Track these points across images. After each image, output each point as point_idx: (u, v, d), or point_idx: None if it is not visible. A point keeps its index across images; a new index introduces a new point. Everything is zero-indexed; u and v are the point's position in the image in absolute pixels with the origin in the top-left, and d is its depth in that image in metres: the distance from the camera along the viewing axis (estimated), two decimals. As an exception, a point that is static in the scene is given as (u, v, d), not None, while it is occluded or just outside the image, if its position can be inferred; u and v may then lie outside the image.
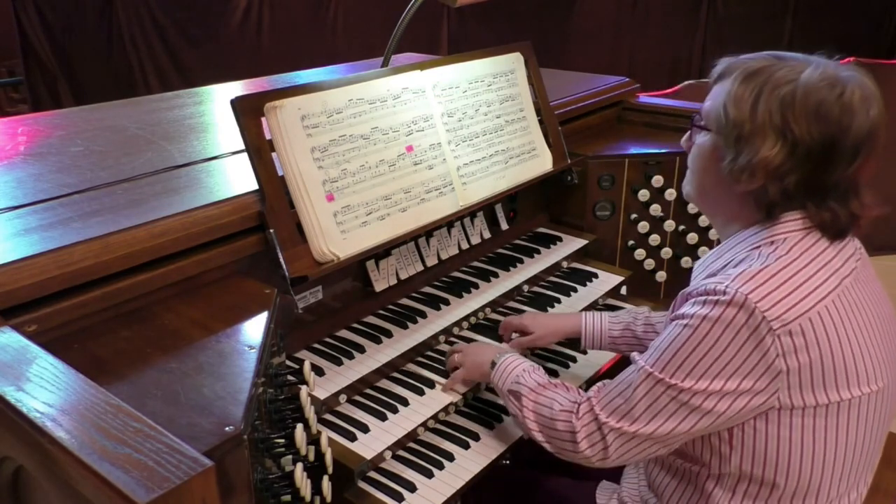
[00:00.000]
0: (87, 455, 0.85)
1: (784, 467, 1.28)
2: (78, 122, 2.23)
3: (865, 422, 1.29)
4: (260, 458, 1.19)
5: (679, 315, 1.28)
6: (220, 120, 2.28)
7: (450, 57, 2.06)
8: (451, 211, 1.92)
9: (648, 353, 1.32)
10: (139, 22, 6.09)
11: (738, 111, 1.28)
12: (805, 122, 1.23)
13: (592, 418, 1.35)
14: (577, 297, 2.16)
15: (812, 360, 1.21)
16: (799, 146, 1.24)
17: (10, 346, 1.10)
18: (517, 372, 1.55)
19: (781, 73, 1.26)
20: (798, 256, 1.26)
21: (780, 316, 1.19)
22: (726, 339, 1.21)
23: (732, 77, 1.31)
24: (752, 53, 1.35)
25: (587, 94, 2.57)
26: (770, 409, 1.25)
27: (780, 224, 1.30)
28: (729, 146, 1.30)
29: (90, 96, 5.93)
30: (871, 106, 1.25)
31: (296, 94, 1.64)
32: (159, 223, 1.44)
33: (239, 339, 1.30)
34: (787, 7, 6.75)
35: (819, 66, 1.27)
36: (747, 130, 1.27)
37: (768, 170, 1.26)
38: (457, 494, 1.54)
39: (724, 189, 1.35)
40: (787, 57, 1.31)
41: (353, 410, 1.66)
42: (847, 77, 1.26)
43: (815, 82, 1.24)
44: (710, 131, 1.36)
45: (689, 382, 1.24)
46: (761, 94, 1.26)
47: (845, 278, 1.28)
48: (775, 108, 1.24)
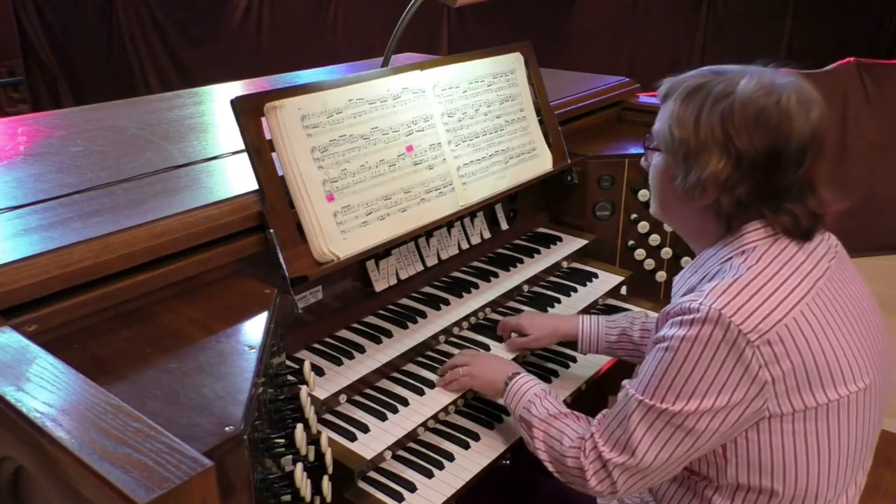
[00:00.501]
0: (87, 455, 0.85)
1: (780, 474, 1.28)
2: (78, 122, 2.23)
3: (856, 419, 1.30)
4: (260, 458, 1.19)
5: (660, 338, 1.29)
6: (220, 120, 2.28)
7: (450, 57, 2.06)
8: (451, 211, 1.92)
9: (637, 379, 1.33)
10: (139, 22, 6.09)
11: (682, 130, 1.31)
12: (746, 134, 1.25)
13: (597, 456, 1.36)
14: (577, 297, 2.16)
15: (795, 366, 1.22)
16: (744, 158, 1.26)
17: (10, 346, 1.10)
18: (528, 397, 1.55)
19: (719, 87, 1.29)
20: (768, 264, 1.27)
21: (755, 327, 1.20)
22: (707, 356, 1.22)
23: (674, 97, 1.34)
24: (692, 71, 1.38)
25: (587, 94, 2.57)
26: (761, 418, 1.25)
27: (746, 234, 1.32)
28: (679, 165, 1.34)
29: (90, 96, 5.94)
30: (810, 109, 1.27)
31: (296, 94, 1.64)
32: (159, 223, 1.44)
33: (239, 339, 1.30)
34: (787, 7, 6.75)
35: (754, 75, 1.30)
36: (693, 148, 1.30)
37: (718, 184, 1.29)
38: (457, 494, 1.54)
39: (683, 206, 1.38)
40: (725, 71, 1.34)
41: (353, 410, 1.66)
42: (783, 84, 1.28)
43: (751, 92, 1.26)
44: (661, 151, 1.39)
45: (679, 405, 1.24)
46: (702, 111, 1.29)
47: (818, 280, 1.28)
48: (716, 123, 1.27)
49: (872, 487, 1.79)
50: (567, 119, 2.41)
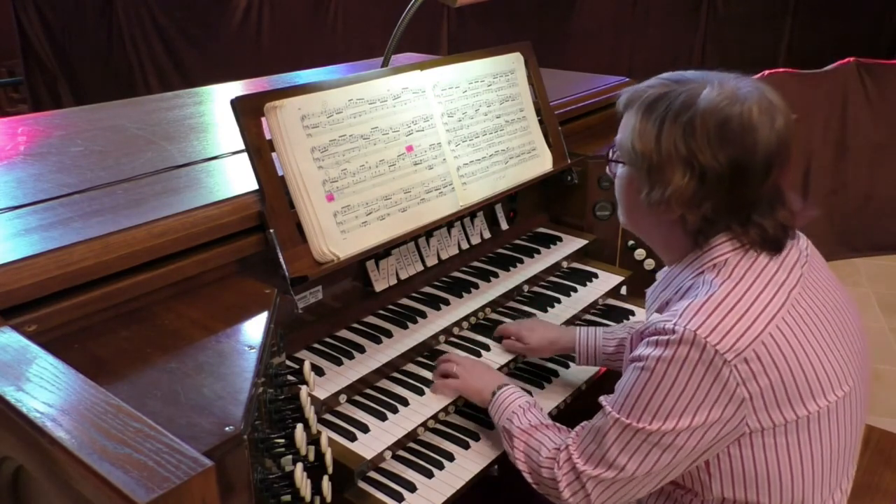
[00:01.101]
0: (87, 455, 0.85)
1: (765, 486, 1.27)
2: (78, 122, 2.23)
3: (838, 426, 1.28)
4: (260, 458, 1.19)
5: (636, 357, 1.27)
6: (220, 120, 2.28)
7: (450, 57, 2.06)
8: (451, 211, 1.92)
9: (613, 397, 1.31)
10: (139, 22, 6.10)
11: (644, 145, 1.27)
12: (709, 150, 1.21)
13: (570, 467, 1.35)
14: (577, 297, 2.16)
15: (773, 381, 1.20)
16: (708, 173, 1.22)
17: (10, 346, 1.10)
18: (512, 408, 1.54)
19: (680, 98, 1.25)
20: (741, 278, 1.24)
21: (732, 346, 1.18)
22: (684, 377, 1.20)
23: (634, 109, 1.30)
24: (652, 79, 1.34)
25: (587, 94, 2.57)
26: (742, 435, 1.24)
27: (715, 247, 1.29)
28: (643, 179, 1.30)
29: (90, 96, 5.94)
30: (774, 117, 1.23)
31: (296, 94, 1.64)
32: (159, 223, 1.44)
33: (239, 339, 1.30)
34: (787, 7, 6.75)
35: (715, 84, 1.25)
36: (656, 163, 1.26)
37: (682, 200, 1.26)
38: (457, 494, 1.54)
39: (651, 219, 1.36)
40: (685, 79, 1.29)
41: (353, 410, 1.66)
42: (746, 93, 1.24)
43: (714, 104, 1.22)
44: (624, 164, 1.36)
45: (656, 424, 1.23)
46: (663, 124, 1.25)
47: (793, 289, 1.26)
48: (678, 138, 1.23)
49: (872, 487, 1.79)
50: (567, 119, 2.41)
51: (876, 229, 4.46)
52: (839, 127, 4.37)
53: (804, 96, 4.19)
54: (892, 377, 3.42)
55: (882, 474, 1.84)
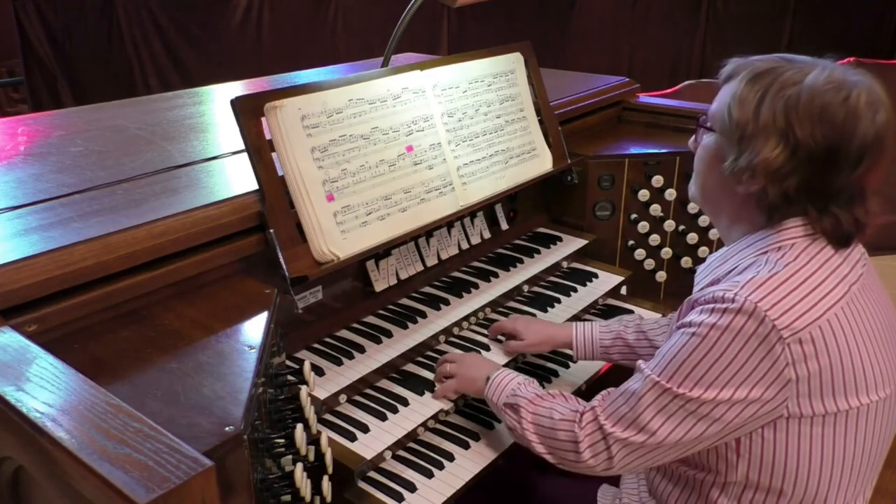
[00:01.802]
0: (87, 455, 0.85)
1: (791, 476, 1.27)
2: (78, 122, 2.23)
3: (873, 429, 1.28)
4: (260, 458, 1.19)
5: (686, 323, 1.27)
6: (220, 120, 2.28)
7: (450, 57, 2.06)
8: (451, 211, 1.92)
9: (654, 361, 1.30)
10: (139, 22, 6.09)
11: (742, 112, 1.27)
12: (808, 125, 1.21)
13: (597, 427, 1.34)
14: (577, 297, 2.16)
15: (822, 369, 1.20)
16: (801, 149, 1.22)
17: (10, 346, 1.10)
18: (512, 385, 1.54)
19: (788, 74, 1.25)
20: (807, 263, 1.24)
21: (790, 324, 1.18)
22: (735, 347, 1.20)
23: (739, 78, 1.30)
24: (761, 55, 1.33)
25: (587, 94, 2.57)
26: (779, 417, 1.24)
27: (785, 230, 1.29)
28: (732, 147, 1.29)
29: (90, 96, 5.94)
30: (877, 111, 1.23)
31: (296, 94, 1.64)
32: (159, 223, 1.44)
33: (239, 339, 1.30)
34: (787, 7, 6.76)
35: (826, 68, 1.25)
36: (750, 131, 1.26)
37: (769, 171, 1.24)
38: (457, 494, 1.54)
39: (726, 191, 1.35)
40: (795, 59, 1.29)
41: (353, 410, 1.66)
42: (854, 81, 1.24)
43: (820, 85, 1.22)
44: (714, 132, 1.35)
45: (697, 391, 1.22)
46: (766, 95, 1.25)
47: (853, 285, 1.26)
48: (779, 109, 1.23)
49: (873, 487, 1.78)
50: (567, 119, 2.41)
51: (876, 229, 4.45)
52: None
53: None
54: None
55: (882, 474, 1.83)
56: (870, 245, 1.38)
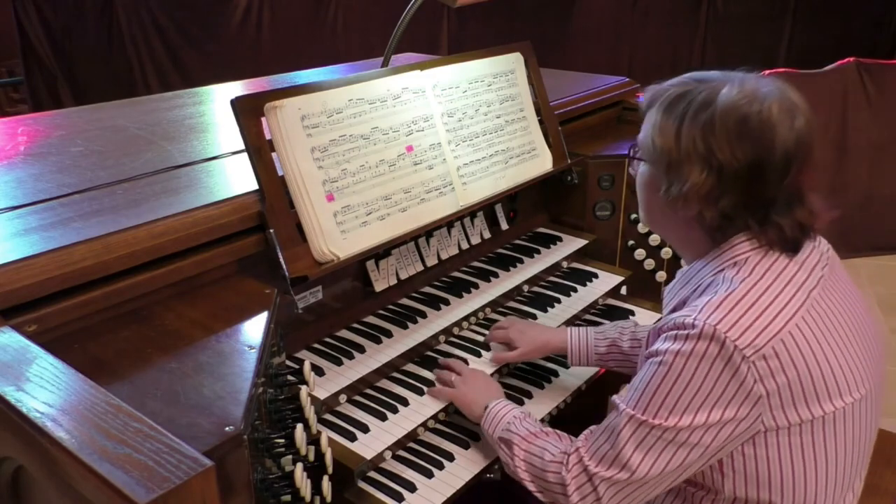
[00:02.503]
0: (87, 455, 0.85)
1: (778, 486, 1.27)
2: (78, 122, 2.23)
3: (853, 429, 1.28)
4: (260, 458, 1.19)
5: (653, 352, 1.27)
6: (220, 120, 2.28)
7: (450, 57, 2.06)
8: (451, 211, 1.92)
9: (628, 394, 1.31)
10: (139, 22, 6.09)
11: (664, 141, 1.29)
12: (728, 146, 1.22)
13: (581, 469, 1.33)
14: (577, 297, 2.16)
15: (790, 380, 1.20)
16: (725, 170, 1.23)
17: (10, 346, 1.10)
18: (508, 419, 1.53)
19: (701, 96, 1.26)
20: (762, 276, 1.25)
21: (751, 342, 1.18)
22: (702, 372, 1.20)
23: (656, 106, 1.32)
24: (675, 79, 1.35)
25: (587, 94, 2.57)
26: (756, 433, 1.24)
27: (735, 246, 1.30)
28: (661, 175, 1.32)
29: (90, 96, 5.94)
30: (794, 116, 1.24)
31: (296, 94, 1.64)
32: (159, 223, 1.44)
33: (239, 339, 1.30)
34: (787, 7, 6.75)
35: (736, 82, 1.26)
36: (674, 159, 1.28)
37: (700, 196, 1.26)
38: (457, 494, 1.54)
39: (669, 216, 1.36)
40: (707, 78, 1.30)
41: (353, 410, 1.66)
42: (766, 93, 1.25)
43: (733, 102, 1.23)
44: (644, 161, 1.38)
45: (672, 420, 1.23)
46: (683, 121, 1.26)
47: (813, 290, 1.27)
48: (697, 135, 1.24)
49: (872, 487, 1.78)
50: (567, 119, 2.41)
51: (876, 229, 4.46)
52: (839, 127, 4.37)
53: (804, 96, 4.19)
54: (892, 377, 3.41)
55: (882, 474, 1.84)
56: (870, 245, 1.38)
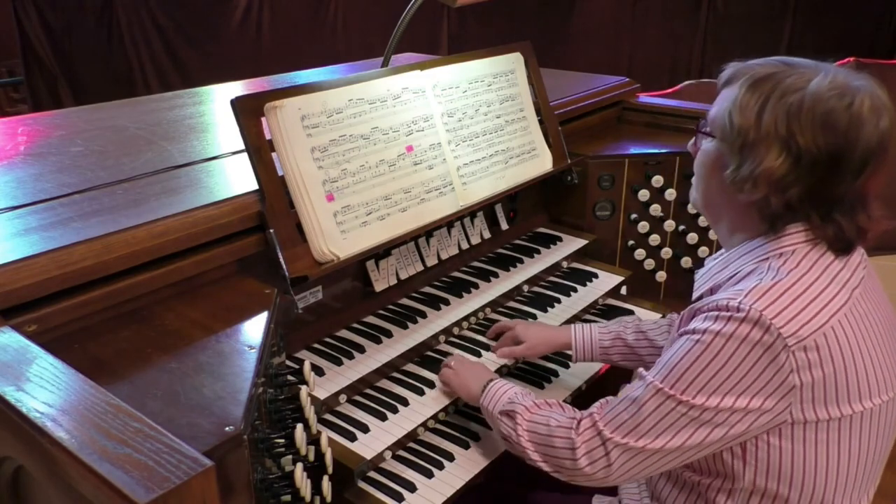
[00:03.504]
0: (87, 455, 0.85)
1: (798, 481, 1.27)
2: (78, 122, 2.23)
3: (877, 431, 1.28)
4: (260, 458, 1.19)
5: (690, 330, 1.26)
6: (220, 120, 2.28)
7: (450, 57, 2.06)
8: (451, 211, 1.92)
9: (656, 368, 1.29)
10: (139, 22, 6.09)
11: (743, 119, 1.25)
12: (811, 133, 1.19)
13: (595, 433, 1.32)
14: (577, 297, 2.16)
15: (826, 375, 1.20)
16: (804, 157, 1.20)
17: (10, 346, 1.10)
18: (510, 394, 1.53)
19: (790, 80, 1.23)
20: (808, 269, 1.24)
21: (795, 332, 1.17)
22: (740, 355, 1.19)
23: (739, 83, 1.28)
24: (760, 59, 1.31)
25: (587, 94, 2.57)
26: (783, 423, 1.23)
27: (786, 236, 1.28)
28: (733, 154, 1.27)
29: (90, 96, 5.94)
30: (881, 117, 1.21)
31: (296, 94, 1.64)
32: (159, 223, 1.44)
33: (239, 339, 1.30)
34: (787, 7, 6.75)
35: (829, 73, 1.24)
36: (751, 139, 1.24)
37: (771, 181, 1.23)
38: (457, 495, 1.54)
39: (727, 198, 1.33)
40: (796, 63, 1.27)
41: (353, 410, 1.66)
42: (858, 87, 1.22)
43: (823, 91, 1.20)
44: (714, 138, 1.33)
45: (700, 399, 1.21)
46: (767, 102, 1.23)
47: (855, 289, 1.26)
48: (781, 117, 1.21)
49: (873, 488, 1.78)
50: (567, 119, 2.41)
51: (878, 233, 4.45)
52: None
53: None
54: None
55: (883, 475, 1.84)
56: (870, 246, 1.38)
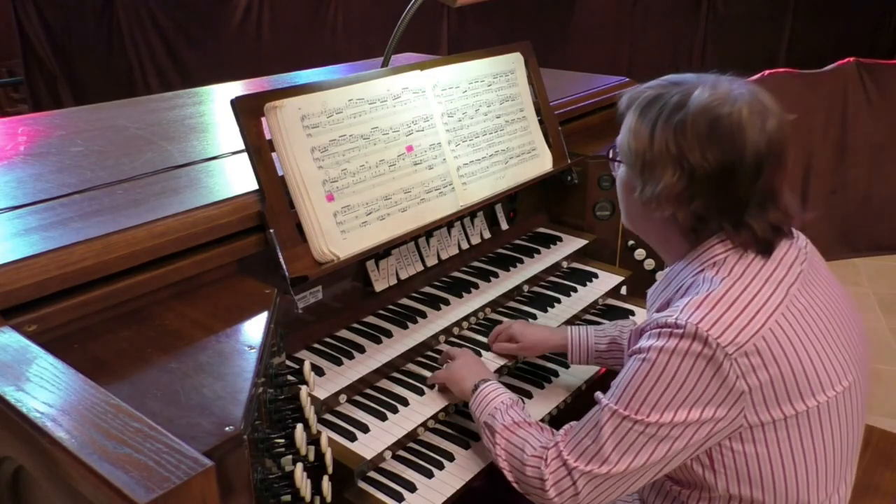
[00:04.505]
0: (87, 455, 0.85)
1: (770, 483, 1.28)
2: (78, 122, 2.23)
3: (839, 421, 1.29)
4: (260, 458, 1.19)
5: (636, 349, 1.28)
6: (220, 120, 2.28)
7: (450, 57, 2.06)
8: (451, 211, 1.92)
9: (611, 391, 1.31)
10: (139, 22, 6.09)
11: (638, 143, 1.32)
12: (699, 149, 1.24)
13: (560, 464, 1.33)
14: (577, 297, 2.16)
15: (772, 377, 1.21)
16: (696, 172, 1.25)
17: (10, 346, 1.10)
18: (495, 404, 1.53)
19: (674, 99, 1.28)
20: (741, 275, 1.27)
21: (733, 340, 1.19)
22: (685, 369, 1.21)
23: (633, 109, 1.35)
24: (651, 81, 1.37)
25: (587, 94, 2.57)
26: (741, 428, 1.25)
27: (712, 247, 1.32)
28: (636, 177, 1.34)
29: (90, 96, 5.94)
30: (765, 119, 1.25)
31: (296, 94, 1.64)
32: (159, 223, 1.44)
33: (239, 339, 1.30)
34: (787, 7, 6.75)
35: (708, 84, 1.28)
36: (648, 161, 1.30)
37: (672, 197, 1.29)
38: (457, 495, 1.54)
39: (646, 217, 1.39)
40: (680, 81, 1.33)
41: (353, 410, 1.66)
42: (737, 94, 1.26)
43: (705, 104, 1.25)
44: (622, 163, 1.40)
45: (654, 416, 1.24)
46: (656, 124, 1.29)
47: (791, 286, 1.28)
48: (670, 137, 1.27)
49: (872, 488, 1.79)
50: (567, 119, 2.41)
51: (876, 229, 4.46)
52: (839, 127, 4.37)
53: (804, 96, 4.20)
54: (891, 377, 3.41)
55: (882, 474, 1.84)
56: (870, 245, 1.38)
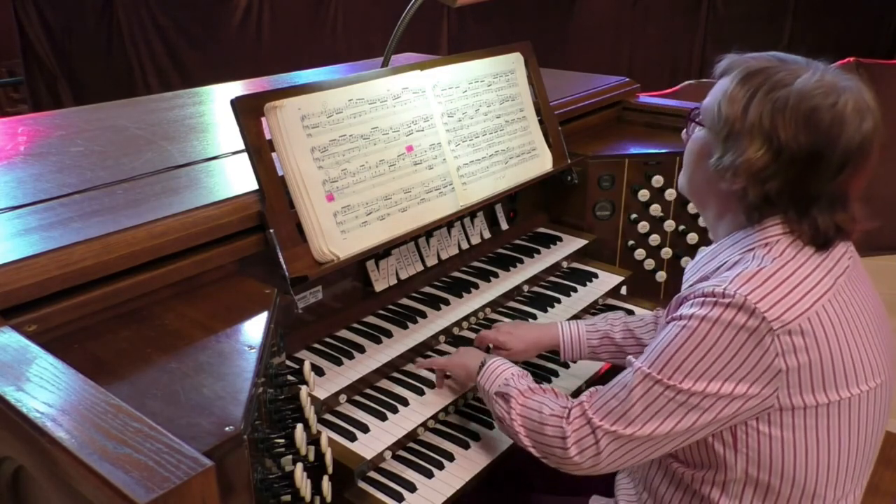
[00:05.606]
0: (87, 455, 0.85)
1: (790, 472, 1.28)
2: (78, 122, 2.23)
3: (865, 419, 1.29)
4: (260, 458, 1.19)
5: (677, 316, 1.28)
6: (220, 120, 2.28)
7: (450, 57, 2.06)
8: (451, 211, 1.92)
9: (645, 355, 1.31)
10: (139, 22, 6.09)
11: (731, 110, 1.28)
12: (793, 129, 1.22)
13: (585, 422, 1.33)
14: (576, 297, 2.16)
15: (811, 360, 1.22)
16: (784, 152, 1.24)
17: (10, 346, 1.10)
18: (506, 375, 1.53)
19: (779, 75, 1.26)
20: (792, 258, 1.26)
21: (780, 316, 1.19)
22: (726, 340, 1.21)
23: (732, 75, 1.31)
24: (756, 53, 1.34)
25: (587, 94, 2.57)
26: (771, 409, 1.24)
27: (767, 228, 1.31)
28: (718, 143, 1.32)
29: (90, 96, 5.94)
30: (864, 118, 1.24)
31: (296, 94, 1.64)
32: (159, 223, 1.44)
33: (239, 339, 1.30)
34: (787, 7, 6.76)
35: (818, 71, 1.27)
36: (736, 130, 1.28)
37: (750, 172, 1.27)
38: (457, 495, 1.54)
39: (711, 186, 1.37)
40: (789, 60, 1.30)
41: (353, 410, 1.66)
42: (844, 87, 1.25)
43: (809, 89, 1.23)
44: (704, 126, 1.38)
45: (687, 384, 1.23)
46: (755, 95, 1.26)
47: (839, 277, 1.28)
48: (766, 110, 1.24)
49: (872, 488, 1.79)
50: (567, 119, 2.41)
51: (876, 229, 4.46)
52: (839, 127, 4.37)
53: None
54: None
55: (882, 474, 1.84)
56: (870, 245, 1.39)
